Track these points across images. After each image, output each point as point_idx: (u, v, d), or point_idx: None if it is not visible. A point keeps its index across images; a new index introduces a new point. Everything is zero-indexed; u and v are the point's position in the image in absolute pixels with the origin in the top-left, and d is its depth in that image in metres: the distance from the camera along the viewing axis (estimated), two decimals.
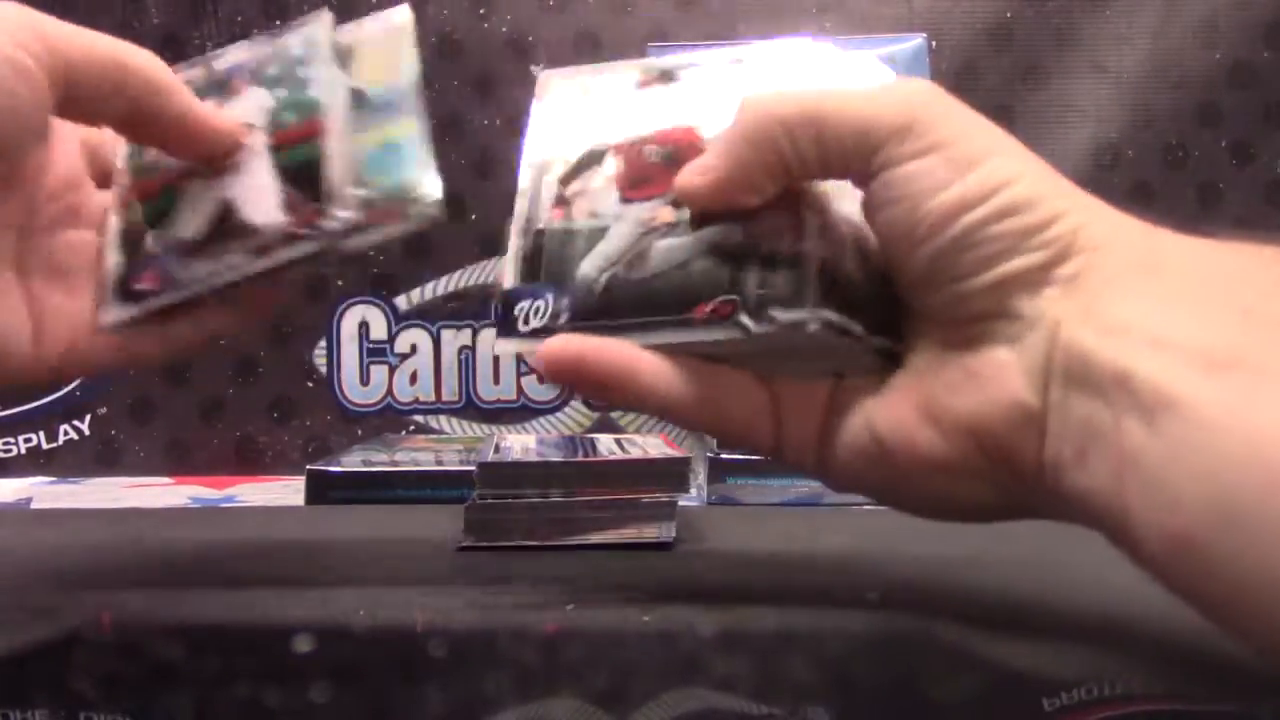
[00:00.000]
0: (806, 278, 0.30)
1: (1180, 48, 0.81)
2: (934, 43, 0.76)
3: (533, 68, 0.38)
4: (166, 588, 0.39)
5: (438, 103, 0.81)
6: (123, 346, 0.38)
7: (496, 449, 0.52)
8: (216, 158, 0.37)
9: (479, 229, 0.80)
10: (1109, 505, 0.26)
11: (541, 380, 0.79)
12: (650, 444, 0.55)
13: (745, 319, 0.30)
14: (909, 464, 0.30)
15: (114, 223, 0.38)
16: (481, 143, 0.81)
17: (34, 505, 0.66)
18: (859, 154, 0.30)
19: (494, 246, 0.80)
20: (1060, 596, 0.37)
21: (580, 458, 0.49)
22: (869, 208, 0.31)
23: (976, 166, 0.29)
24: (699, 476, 0.61)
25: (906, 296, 0.31)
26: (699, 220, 0.32)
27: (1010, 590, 0.38)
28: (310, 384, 0.81)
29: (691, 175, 0.32)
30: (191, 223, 0.37)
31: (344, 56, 0.38)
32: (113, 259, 0.38)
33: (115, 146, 0.39)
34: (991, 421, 0.29)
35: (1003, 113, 0.28)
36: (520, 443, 0.57)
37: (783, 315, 0.30)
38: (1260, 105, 0.82)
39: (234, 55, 0.39)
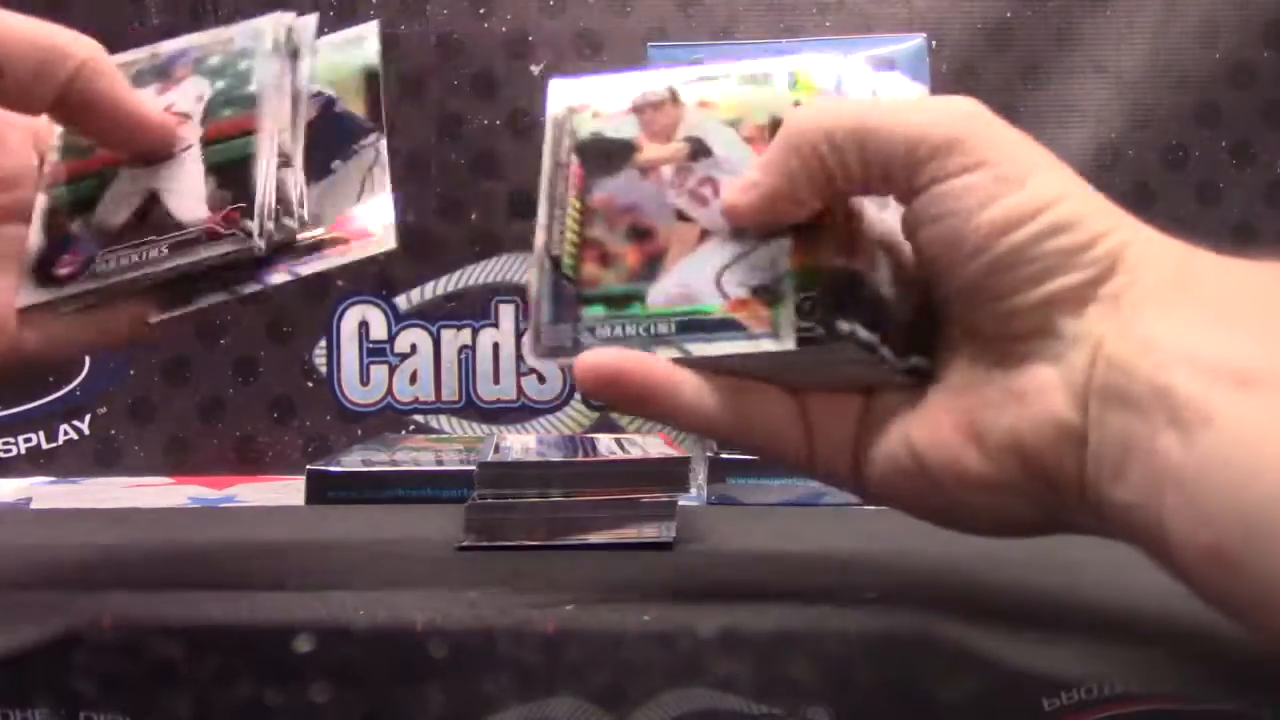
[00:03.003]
0: (839, 293, 0.30)
1: (1180, 48, 0.81)
2: (934, 43, 0.76)
3: (532, 68, 0.37)
4: (166, 588, 0.39)
5: (437, 103, 0.81)
6: (50, 331, 0.37)
7: (496, 449, 0.52)
8: (148, 152, 0.37)
9: (479, 229, 0.80)
10: (1145, 520, 0.26)
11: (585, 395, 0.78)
12: (650, 444, 0.55)
13: (791, 331, 0.31)
14: (950, 481, 0.30)
15: (40, 202, 0.38)
16: (481, 143, 0.80)
17: (34, 505, 0.66)
18: (905, 168, 0.30)
19: (494, 246, 0.81)
20: (1061, 596, 0.37)
21: (580, 458, 0.49)
22: (911, 223, 0.31)
23: (1024, 183, 0.29)
24: (699, 476, 0.61)
25: (946, 313, 0.31)
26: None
27: (1010, 590, 0.38)
28: (310, 384, 0.81)
29: (737, 193, 0.32)
30: (116, 211, 0.37)
31: (297, 57, 0.38)
32: (35, 240, 0.37)
33: (51, 126, 0.39)
34: (1034, 439, 0.29)
35: (1003, 113, 0.28)
36: (520, 443, 0.57)
37: (840, 325, 0.30)
38: (1260, 105, 0.82)
39: (181, 41, 0.39)
